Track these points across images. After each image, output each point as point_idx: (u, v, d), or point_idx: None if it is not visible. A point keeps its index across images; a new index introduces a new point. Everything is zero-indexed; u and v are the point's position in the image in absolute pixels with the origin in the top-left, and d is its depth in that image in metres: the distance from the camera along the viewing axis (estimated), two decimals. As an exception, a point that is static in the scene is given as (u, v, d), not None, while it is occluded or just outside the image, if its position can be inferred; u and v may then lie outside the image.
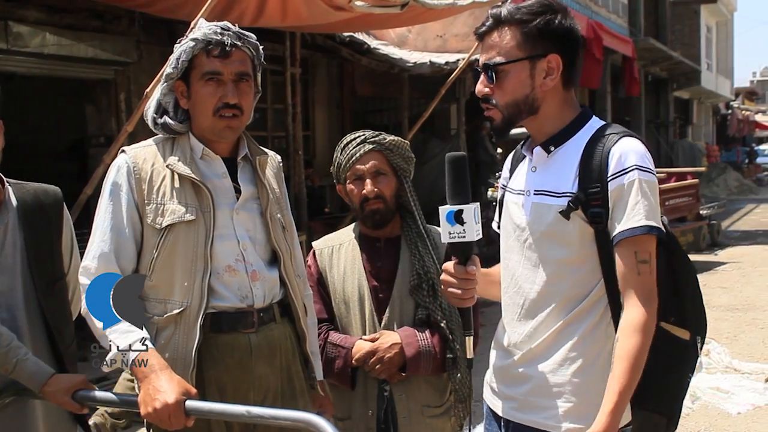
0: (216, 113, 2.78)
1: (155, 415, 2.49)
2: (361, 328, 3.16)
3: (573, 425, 2.42)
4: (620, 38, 22.42)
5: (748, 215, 24.62)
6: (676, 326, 2.44)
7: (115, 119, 9.14)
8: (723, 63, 43.05)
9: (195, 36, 2.75)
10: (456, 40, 15.51)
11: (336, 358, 3.14)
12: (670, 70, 30.95)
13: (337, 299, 3.22)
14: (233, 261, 2.80)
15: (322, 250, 3.32)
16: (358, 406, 3.17)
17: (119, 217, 2.75)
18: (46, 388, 2.66)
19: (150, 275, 2.74)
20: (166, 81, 2.81)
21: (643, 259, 2.30)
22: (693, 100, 39.10)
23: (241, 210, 2.87)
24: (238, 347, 2.79)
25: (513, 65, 2.42)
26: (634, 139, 2.40)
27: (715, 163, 36.61)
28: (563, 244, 2.42)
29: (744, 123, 46.62)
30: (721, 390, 7.02)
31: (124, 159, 2.80)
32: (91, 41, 8.61)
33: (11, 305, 2.83)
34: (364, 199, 3.15)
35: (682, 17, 34.30)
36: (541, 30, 2.40)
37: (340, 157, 3.24)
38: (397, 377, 3.11)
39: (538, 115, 2.49)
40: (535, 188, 2.50)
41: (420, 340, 3.08)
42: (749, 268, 13.73)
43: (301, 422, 2.36)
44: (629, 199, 2.31)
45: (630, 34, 25.55)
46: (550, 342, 2.46)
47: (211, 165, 2.86)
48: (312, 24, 9.54)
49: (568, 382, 2.43)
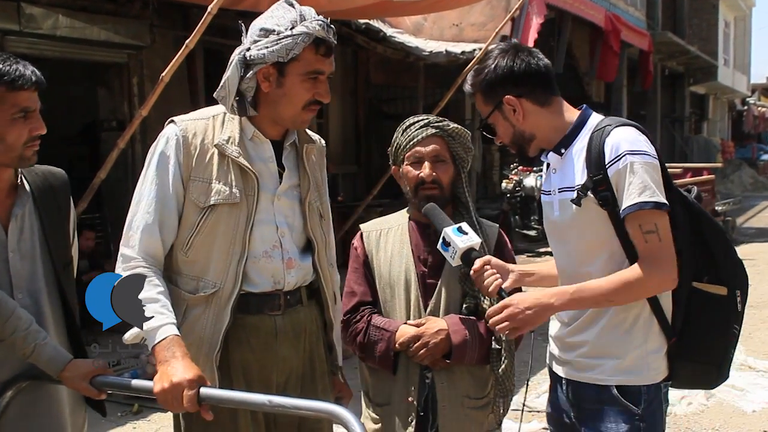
0: (306, 107, 2.79)
1: (168, 392, 2.50)
2: (405, 313, 3.12)
3: (622, 377, 2.77)
4: (637, 31, 22.32)
5: (762, 212, 24.52)
6: (711, 284, 2.78)
7: (128, 103, 9.13)
8: (740, 58, 42.86)
9: (306, 29, 2.67)
10: (472, 29, 15.44)
11: (379, 341, 3.09)
12: (686, 64, 30.83)
13: (382, 283, 3.19)
14: (270, 247, 2.82)
15: (370, 232, 3.31)
16: (398, 391, 3.11)
17: (165, 188, 2.74)
18: (65, 374, 2.64)
19: (186, 251, 2.77)
20: (255, 65, 2.71)
21: (649, 230, 2.64)
22: (709, 95, 38.94)
23: (282, 196, 2.88)
24: (263, 329, 2.83)
25: (490, 119, 2.90)
26: (627, 127, 2.73)
27: (730, 160, 36.46)
28: (589, 229, 2.77)
29: (760, 119, 46.37)
30: (736, 387, 6.97)
31: (174, 130, 2.78)
32: (104, 24, 8.59)
33: (33, 290, 2.80)
34: (420, 183, 3.11)
35: (701, 11, 34.11)
36: (488, 84, 2.84)
37: (400, 138, 3.20)
38: (440, 364, 3.06)
39: (537, 138, 2.87)
40: (559, 187, 2.86)
41: (466, 329, 3.04)
42: (764, 265, 13.63)
43: (324, 412, 2.36)
44: (625, 182, 2.64)
45: (647, 27, 25.41)
46: (594, 314, 2.80)
47: (260, 147, 2.85)
48: (329, 10, 9.47)
49: (613, 344, 2.78)
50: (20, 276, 2.76)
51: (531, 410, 5.98)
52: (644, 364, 2.77)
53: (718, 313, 2.80)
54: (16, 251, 2.77)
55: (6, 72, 2.62)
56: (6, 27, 7.66)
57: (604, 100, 23.54)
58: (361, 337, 3.12)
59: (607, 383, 2.79)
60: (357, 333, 3.14)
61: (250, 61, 2.71)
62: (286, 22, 2.69)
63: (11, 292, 2.73)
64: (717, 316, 2.80)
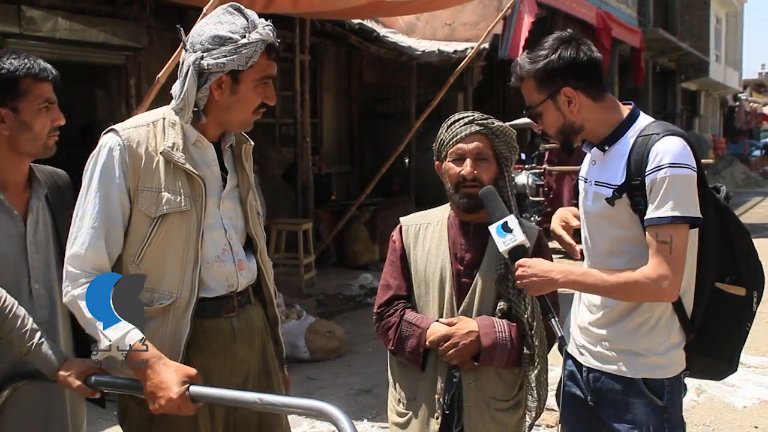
0: (255, 111, 2.79)
1: (165, 409, 2.51)
2: (438, 311, 3.11)
3: (646, 372, 2.88)
4: (629, 28, 22.38)
5: (754, 208, 24.52)
6: (732, 285, 2.87)
7: (125, 104, 9.16)
8: (732, 55, 42.91)
9: (260, 36, 2.65)
10: (464, 28, 15.50)
11: (410, 336, 3.09)
12: (678, 61, 30.87)
13: (418, 278, 3.17)
14: (221, 251, 2.80)
15: (410, 227, 3.26)
16: (425, 388, 3.10)
17: (110, 202, 2.66)
18: (60, 373, 2.68)
19: (138, 263, 2.69)
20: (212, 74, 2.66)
21: (663, 240, 2.70)
22: (701, 91, 38.99)
23: (226, 198, 2.86)
24: (221, 332, 2.81)
25: (540, 107, 2.89)
26: (674, 137, 2.77)
27: (722, 156, 36.50)
28: (617, 225, 2.86)
29: (751, 115, 46.50)
30: (727, 383, 6.89)
31: (117, 140, 2.68)
32: (102, 26, 8.63)
33: (47, 281, 2.88)
34: (462, 180, 3.07)
35: (692, 8, 34.14)
36: (547, 72, 2.83)
37: (444, 134, 3.15)
38: (468, 365, 3.04)
39: (586, 129, 2.91)
40: (596, 179, 2.94)
41: (498, 332, 3.02)
42: (755, 261, 13.69)
43: (314, 411, 2.36)
44: (660, 193, 2.70)
45: (639, 24, 25.48)
46: (622, 310, 2.90)
47: (203, 152, 2.81)
48: (322, 10, 9.55)
49: (637, 342, 2.88)
50: (36, 267, 2.85)
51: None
52: (667, 359, 2.87)
53: (735, 313, 2.90)
54: (33, 243, 2.86)
55: (31, 65, 2.81)
56: (6, 30, 7.70)
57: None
58: (393, 331, 3.13)
59: (633, 376, 2.89)
60: (390, 327, 3.14)
61: (205, 71, 2.66)
62: (238, 29, 2.65)
63: (29, 282, 2.82)
64: (734, 316, 2.90)
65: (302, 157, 11.81)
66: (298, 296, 9.88)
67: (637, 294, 2.80)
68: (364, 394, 6.78)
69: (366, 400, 6.61)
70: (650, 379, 2.88)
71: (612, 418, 2.96)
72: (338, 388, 6.96)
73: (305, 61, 11.58)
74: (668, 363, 2.88)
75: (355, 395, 6.76)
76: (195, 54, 2.66)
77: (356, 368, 7.36)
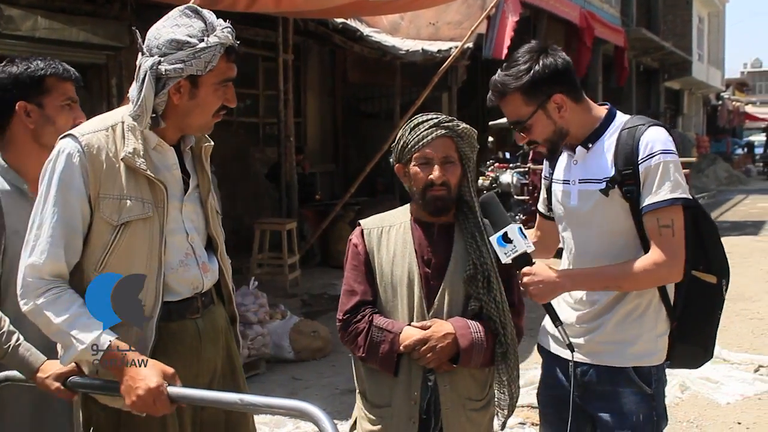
0: (215, 114, 2.74)
1: (140, 403, 2.46)
2: (407, 314, 3.05)
3: (637, 360, 2.98)
4: (612, 28, 22.44)
5: (737, 206, 24.69)
6: (705, 273, 3.01)
7: (107, 104, 9.11)
8: (714, 54, 43.12)
9: (219, 39, 2.59)
10: (448, 28, 15.51)
11: (382, 342, 3.02)
12: (661, 60, 31.00)
13: (384, 282, 3.10)
14: (184, 255, 2.77)
15: (371, 230, 3.18)
16: (399, 394, 3.05)
17: (69, 210, 2.58)
18: (38, 375, 2.67)
19: (101, 271, 2.62)
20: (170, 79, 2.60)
21: (665, 224, 2.84)
22: (684, 90, 39.15)
23: (188, 201, 2.83)
24: (187, 333, 2.79)
25: (531, 119, 2.94)
26: (658, 128, 2.91)
27: (705, 154, 36.69)
28: (608, 219, 2.95)
29: (734, 114, 46.75)
30: (711, 380, 7.00)
31: (75, 146, 2.60)
32: (83, 25, 8.58)
33: None
34: (430, 185, 3.02)
35: (675, 7, 34.30)
36: (534, 83, 2.89)
37: (408, 136, 3.07)
38: (445, 368, 3.01)
39: (570, 132, 3.00)
40: (580, 178, 3.02)
41: (473, 333, 2.99)
42: (738, 258, 13.73)
43: (296, 411, 2.35)
44: (656, 178, 2.84)
45: (622, 23, 25.56)
46: (612, 300, 2.99)
47: (164, 156, 2.76)
48: (306, 10, 9.52)
49: (628, 329, 2.97)
50: None
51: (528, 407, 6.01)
52: (655, 346, 2.99)
53: (710, 300, 3.05)
54: None
55: (55, 66, 3.03)
56: (-15, 29, 7.66)
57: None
58: (363, 337, 3.05)
59: (623, 365, 2.98)
60: (359, 333, 3.06)
61: (163, 76, 2.59)
62: (196, 32, 2.59)
63: None
64: (709, 303, 3.05)
65: (286, 156, 11.78)
66: (282, 296, 9.84)
67: (648, 281, 2.90)
68: (349, 393, 6.71)
69: (351, 400, 6.41)
70: (639, 367, 2.97)
71: (601, 410, 3.03)
72: (323, 388, 6.95)
73: (289, 61, 11.56)
74: (656, 350, 2.99)
75: (340, 395, 6.74)
76: (152, 59, 2.60)
77: (341, 368, 7.31)
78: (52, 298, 2.54)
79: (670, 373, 6.98)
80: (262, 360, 7.46)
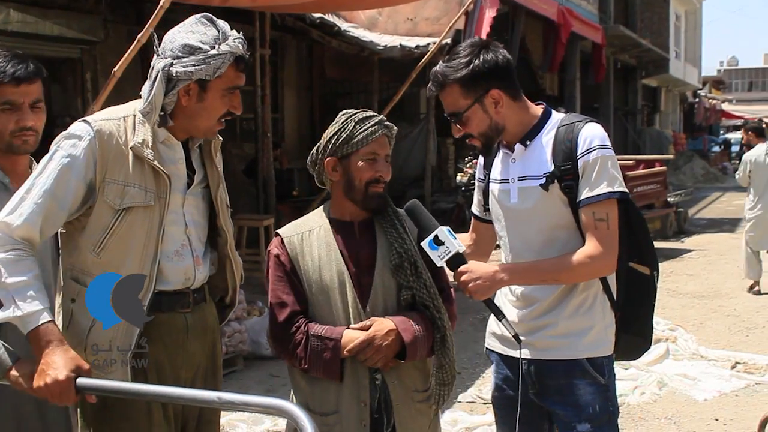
0: (220, 119, 2.86)
1: (45, 390, 2.54)
2: (343, 317, 3.00)
3: (590, 351, 3.06)
4: (590, 25, 22.48)
5: (713, 203, 24.87)
6: (639, 264, 3.12)
7: (81, 99, 9.06)
8: (691, 52, 43.36)
9: (230, 48, 2.74)
10: (426, 23, 15.47)
11: (323, 350, 2.95)
12: (638, 57, 31.13)
13: (313, 289, 3.04)
14: (180, 246, 2.90)
15: (291, 237, 3.10)
16: (347, 398, 2.99)
17: (63, 186, 2.69)
18: (12, 373, 2.64)
19: (99, 253, 2.76)
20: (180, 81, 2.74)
21: (600, 218, 2.92)
22: (661, 88, 39.37)
23: (191, 195, 2.95)
24: (175, 326, 2.91)
25: (469, 111, 2.99)
26: (595, 124, 3.01)
27: (682, 152, 36.89)
28: (549, 214, 3.01)
29: (711, 112, 46.98)
30: (688, 377, 7.07)
31: (88, 130, 2.75)
32: (56, 19, 8.50)
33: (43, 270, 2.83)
34: (375, 181, 3.02)
35: (652, 5, 34.41)
36: (473, 77, 2.95)
37: (351, 130, 3.01)
38: (391, 364, 2.99)
39: (507, 130, 3.05)
40: (519, 175, 3.06)
41: (414, 325, 2.97)
42: (715, 255, 13.85)
43: (274, 408, 2.33)
44: (594, 173, 2.92)
45: (600, 20, 25.61)
46: (561, 294, 3.06)
47: (171, 150, 2.89)
48: (282, 4, 9.46)
49: (580, 321, 3.05)
50: None
51: (486, 402, 6.01)
52: (605, 337, 3.08)
53: (647, 291, 3.16)
54: None
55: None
56: (-44, 22, 7.56)
57: (557, 93, 23.72)
58: (302, 349, 2.98)
59: (577, 357, 3.05)
60: (296, 345, 2.99)
61: (174, 77, 2.74)
62: (209, 40, 2.74)
63: None
64: (645, 293, 3.16)
65: (263, 152, 11.73)
66: (260, 293, 9.74)
67: (583, 274, 2.98)
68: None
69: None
70: (592, 358, 3.05)
71: (557, 404, 3.11)
72: (300, 386, 6.86)
73: (265, 56, 11.51)
74: (606, 340, 3.07)
75: (317, 393, 6.65)
76: (165, 60, 2.75)
77: (318, 365, 7.24)
78: (13, 257, 2.62)
79: (649, 370, 7.06)
80: (239, 357, 7.47)
